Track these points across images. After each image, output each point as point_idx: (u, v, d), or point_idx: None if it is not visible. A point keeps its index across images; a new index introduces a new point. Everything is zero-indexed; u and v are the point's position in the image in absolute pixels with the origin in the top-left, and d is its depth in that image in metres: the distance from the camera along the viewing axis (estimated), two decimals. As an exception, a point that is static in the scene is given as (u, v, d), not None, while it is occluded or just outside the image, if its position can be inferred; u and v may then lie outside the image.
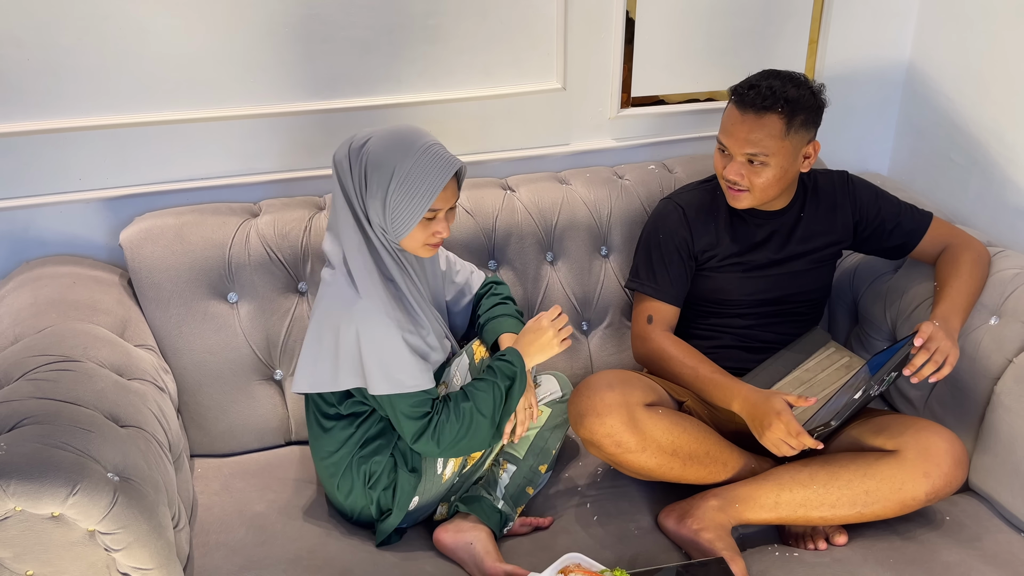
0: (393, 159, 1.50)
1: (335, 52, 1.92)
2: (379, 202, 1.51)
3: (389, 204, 1.51)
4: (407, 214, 1.51)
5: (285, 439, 1.95)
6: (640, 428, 1.62)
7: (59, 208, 1.87)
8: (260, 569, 1.57)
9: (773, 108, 1.70)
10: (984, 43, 2.10)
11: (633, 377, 1.72)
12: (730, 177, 1.76)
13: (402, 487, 1.62)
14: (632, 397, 1.65)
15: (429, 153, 1.51)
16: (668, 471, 1.67)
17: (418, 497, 1.64)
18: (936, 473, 1.61)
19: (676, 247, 1.86)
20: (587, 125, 2.18)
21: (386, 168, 1.50)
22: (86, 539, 1.27)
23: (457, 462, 1.64)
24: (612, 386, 1.65)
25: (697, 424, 1.71)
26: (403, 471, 1.63)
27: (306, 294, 1.90)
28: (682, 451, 1.66)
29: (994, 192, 2.13)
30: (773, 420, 1.61)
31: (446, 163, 1.52)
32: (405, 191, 1.50)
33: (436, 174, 1.50)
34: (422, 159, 1.50)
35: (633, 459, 1.64)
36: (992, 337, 1.77)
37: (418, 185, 1.50)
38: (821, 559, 1.61)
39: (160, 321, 1.81)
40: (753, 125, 1.71)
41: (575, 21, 2.05)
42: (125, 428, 1.43)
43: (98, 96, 1.81)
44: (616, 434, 1.61)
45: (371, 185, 1.51)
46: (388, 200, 1.51)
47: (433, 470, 1.63)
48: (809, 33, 2.24)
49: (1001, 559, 1.61)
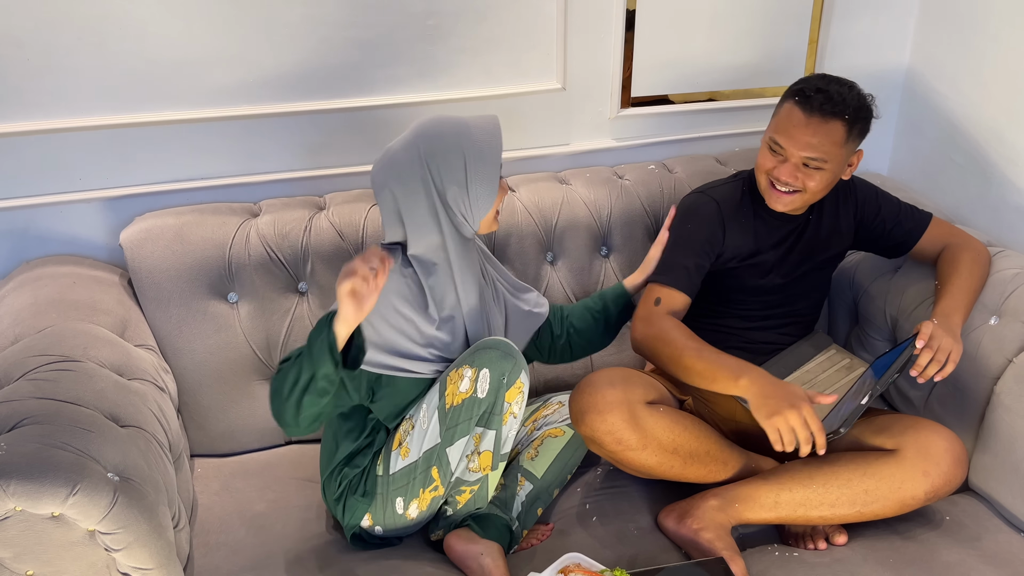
0: (456, 141, 1.53)
1: (335, 52, 1.92)
2: (458, 186, 1.54)
3: (471, 183, 1.54)
4: (488, 186, 1.55)
5: (285, 439, 1.95)
6: (641, 426, 1.62)
7: (59, 208, 1.87)
8: (260, 569, 1.57)
9: (840, 115, 1.67)
10: (984, 43, 2.10)
11: (635, 375, 1.72)
12: (783, 178, 1.72)
13: (351, 506, 1.61)
14: (634, 395, 1.64)
15: (478, 124, 1.55)
16: (668, 469, 1.66)
17: (379, 528, 1.62)
18: (935, 472, 1.61)
19: (705, 240, 1.81)
20: (587, 125, 2.18)
21: (454, 151, 1.53)
22: (86, 539, 1.27)
23: (423, 503, 1.59)
24: (614, 383, 1.64)
25: (698, 423, 1.71)
26: (352, 495, 1.61)
27: (306, 294, 1.90)
28: (683, 449, 1.66)
29: (994, 192, 2.13)
30: (796, 404, 1.54)
31: (494, 126, 1.57)
32: (481, 164, 1.53)
33: (495, 139, 1.55)
34: (477, 131, 1.54)
35: (634, 457, 1.63)
36: (992, 337, 1.78)
37: (487, 154, 1.54)
38: (821, 559, 1.61)
39: (160, 321, 1.81)
40: (817, 129, 1.68)
41: (575, 21, 2.05)
42: (125, 428, 1.43)
43: (98, 96, 1.81)
44: (617, 431, 1.61)
45: (445, 174, 1.53)
46: (469, 179, 1.54)
47: (392, 507, 1.60)
48: (809, 33, 2.25)
49: (1001, 559, 1.61)
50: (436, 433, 1.53)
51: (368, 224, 1.91)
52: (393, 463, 1.59)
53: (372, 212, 1.92)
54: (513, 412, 1.54)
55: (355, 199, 1.96)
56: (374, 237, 1.90)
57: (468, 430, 1.52)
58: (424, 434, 1.55)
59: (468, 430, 1.52)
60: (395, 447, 1.59)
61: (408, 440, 1.57)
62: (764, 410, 1.56)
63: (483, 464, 1.56)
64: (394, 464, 1.58)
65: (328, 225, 1.89)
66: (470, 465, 1.56)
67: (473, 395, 1.50)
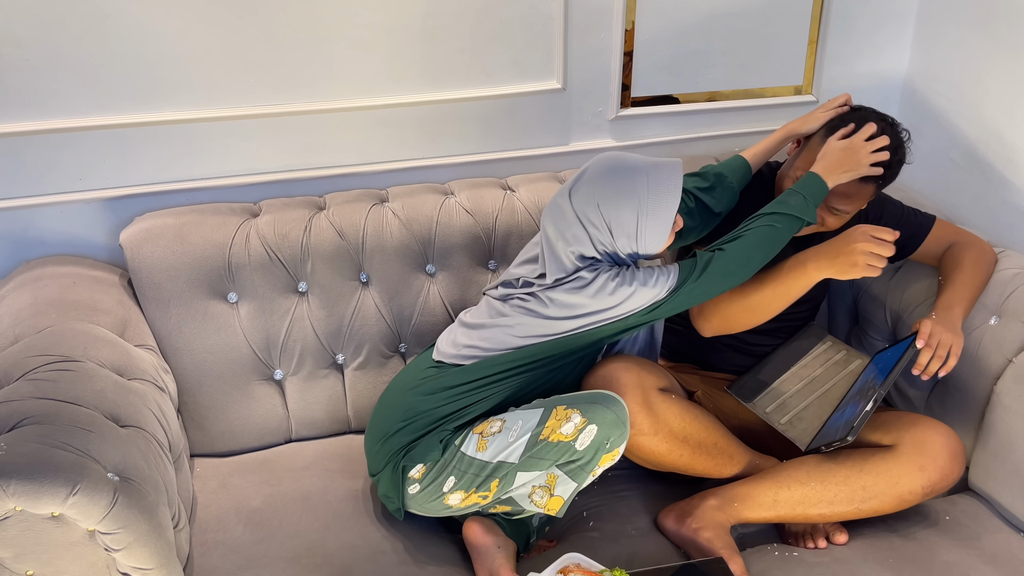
0: (627, 188, 1.55)
1: (335, 52, 1.92)
2: (627, 234, 1.56)
3: (641, 229, 1.56)
4: (661, 228, 1.56)
5: (285, 439, 1.95)
6: (654, 410, 1.62)
7: (59, 208, 1.87)
8: (259, 568, 1.57)
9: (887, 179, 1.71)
10: (984, 43, 2.10)
11: (648, 363, 1.72)
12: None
13: (427, 444, 1.61)
14: (647, 380, 1.64)
15: (652, 164, 1.57)
16: (677, 458, 1.66)
17: (416, 488, 1.61)
18: (932, 467, 1.61)
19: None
20: (587, 125, 2.18)
21: (627, 199, 1.54)
22: (86, 539, 1.28)
23: (467, 501, 1.59)
24: (629, 368, 1.65)
25: (707, 414, 1.71)
26: (434, 438, 1.61)
27: (306, 294, 1.90)
28: (692, 439, 1.65)
29: (994, 192, 2.13)
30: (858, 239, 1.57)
31: (673, 167, 1.57)
32: (654, 208, 1.55)
33: (673, 180, 1.56)
34: (652, 174, 1.56)
35: (644, 442, 1.63)
36: (992, 337, 1.78)
37: (663, 196, 1.55)
38: (821, 558, 1.61)
39: (160, 321, 1.81)
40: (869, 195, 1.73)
41: (575, 21, 2.05)
42: (125, 428, 1.43)
43: (98, 96, 1.81)
44: (631, 414, 1.60)
45: (615, 224, 1.55)
46: (640, 226, 1.55)
47: (441, 481, 1.59)
48: (809, 33, 2.24)
49: (1001, 559, 1.61)
50: (518, 454, 1.53)
51: (368, 224, 1.91)
52: (467, 444, 1.58)
53: (372, 212, 1.92)
54: (596, 472, 1.55)
55: (355, 199, 1.96)
56: (374, 237, 1.90)
57: (548, 468, 1.53)
58: (507, 446, 1.54)
59: (548, 468, 1.53)
60: (476, 431, 1.59)
61: (491, 439, 1.57)
62: (848, 268, 1.59)
63: (551, 506, 1.57)
64: (467, 446, 1.58)
65: (328, 225, 1.89)
66: (534, 497, 1.56)
67: (571, 443, 1.50)
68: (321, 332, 1.90)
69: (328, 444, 1.93)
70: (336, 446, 1.91)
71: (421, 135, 2.05)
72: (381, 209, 1.94)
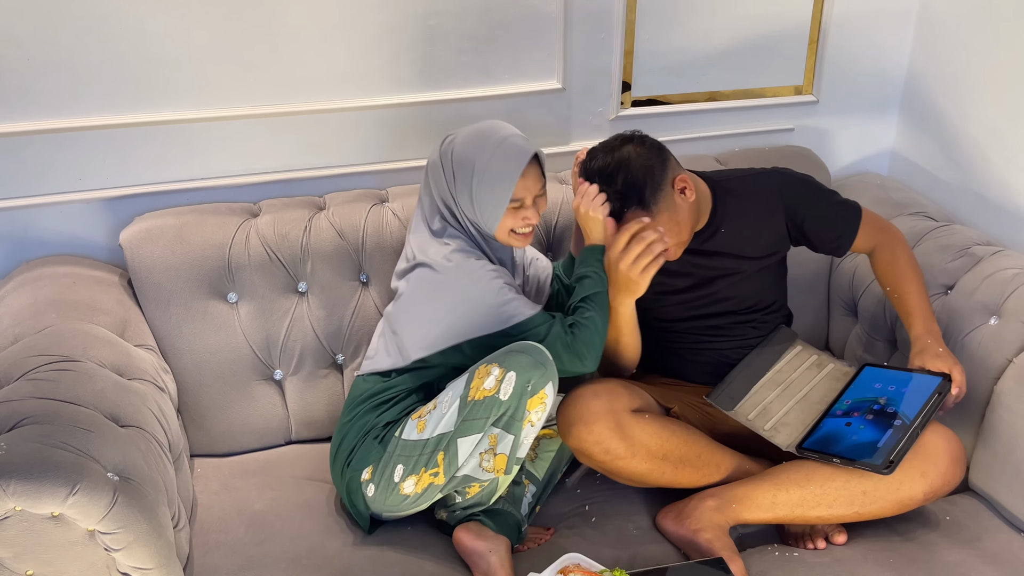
0: (473, 154, 1.62)
1: (336, 52, 1.92)
2: (467, 197, 1.63)
3: (475, 197, 1.62)
4: (492, 205, 1.62)
5: (285, 439, 1.95)
6: (628, 434, 1.62)
7: (59, 208, 1.88)
8: (259, 568, 1.57)
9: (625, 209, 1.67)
10: (984, 43, 2.10)
11: (619, 385, 1.71)
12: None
13: (365, 448, 1.63)
14: (618, 404, 1.64)
15: (505, 144, 1.62)
16: (660, 476, 1.66)
17: (372, 488, 1.61)
18: (934, 472, 1.61)
19: None
20: (587, 125, 2.18)
21: (467, 163, 1.62)
22: (86, 539, 1.28)
23: (420, 484, 1.58)
24: (598, 394, 1.65)
25: (685, 427, 1.70)
26: (372, 439, 1.63)
27: (306, 294, 1.90)
28: (672, 455, 1.65)
29: (994, 192, 2.13)
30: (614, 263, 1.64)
31: (520, 151, 1.62)
32: (487, 183, 1.61)
33: (513, 163, 1.61)
34: (498, 150, 1.62)
35: (623, 465, 1.63)
36: (992, 337, 1.78)
37: (497, 176, 1.61)
38: (821, 559, 1.61)
39: (160, 321, 1.81)
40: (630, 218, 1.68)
41: (575, 21, 2.05)
42: (125, 428, 1.43)
43: (98, 96, 1.81)
44: (604, 441, 1.61)
45: (459, 182, 1.64)
46: (473, 193, 1.62)
47: (391, 472, 1.59)
48: (809, 33, 2.25)
49: (1001, 559, 1.61)
50: (452, 421, 1.54)
51: (368, 224, 1.91)
52: (408, 431, 1.59)
53: (372, 212, 1.92)
54: (531, 420, 1.53)
55: (355, 199, 1.96)
56: (374, 237, 1.90)
57: (483, 428, 1.52)
58: (442, 418, 1.55)
59: (483, 428, 1.52)
60: (414, 416, 1.60)
61: (428, 417, 1.58)
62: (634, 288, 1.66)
63: (498, 466, 1.56)
64: (408, 432, 1.59)
65: (328, 225, 1.89)
66: (484, 464, 1.56)
67: (495, 395, 1.50)
68: (321, 332, 1.90)
69: (329, 446, 1.92)
70: (336, 446, 1.91)
71: (421, 135, 2.05)
72: (381, 209, 1.94)
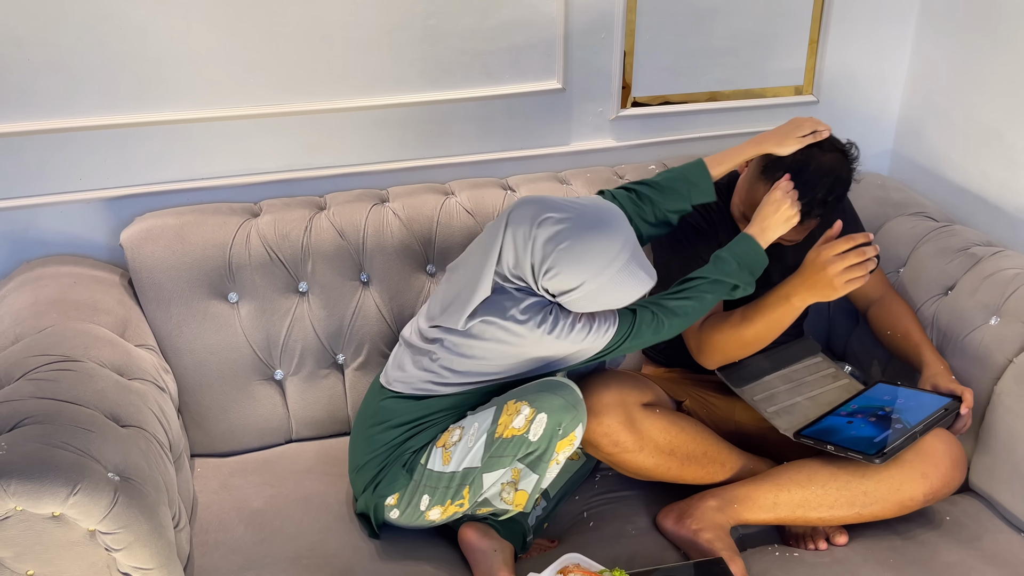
0: (584, 271, 1.48)
1: (335, 52, 1.92)
2: (551, 289, 1.52)
3: (569, 302, 1.51)
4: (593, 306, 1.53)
5: (285, 439, 1.95)
6: (637, 427, 1.62)
7: (59, 208, 1.87)
8: (260, 568, 1.57)
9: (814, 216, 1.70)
10: (984, 42, 2.10)
11: (630, 377, 1.72)
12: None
13: (392, 475, 1.60)
14: (629, 397, 1.64)
15: (626, 271, 1.50)
16: (666, 471, 1.67)
17: (396, 513, 1.61)
18: (934, 474, 1.62)
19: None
20: (587, 125, 2.18)
21: (574, 276, 1.49)
22: (86, 539, 1.28)
23: (446, 513, 1.59)
24: (609, 386, 1.65)
25: (695, 424, 1.71)
26: (400, 466, 1.61)
27: (306, 294, 1.90)
28: (679, 451, 1.66)
29: (994, 192, 2.13)
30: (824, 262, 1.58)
31: (640, 283, 1.51)
32: (591, 299, 1.51)
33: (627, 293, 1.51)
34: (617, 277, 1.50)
35: (630, 459, 1.64)
36: (992, 337, 1.78)
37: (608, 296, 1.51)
38: (821, 559, 1.61)
39: (160, 321, 1.81)
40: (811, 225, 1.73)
41: (575, 21, 2.05)
42: (126, 428, 1.43)
43: (98, 96, 1.81)
44: (613, 433, 1.61)
45: (552, 277, 1.50)
46: (571, 299, 1.51)
47: (417, 500, 1.59)
48: (809, 33, 2.24)
49: (1001, 559, 1.61)
50: (478, 457, 1.53)
51: (368, 224, 1.91)
52: (433, 461, 1.58)
53: (372, 212, 1.92)
54: (557, 460, 1.53)
55: (355, 199, 1.96)
56: (374, 237, 1.90)
57: (510, 464, 1.52)
58: (468, 451, 1.54)
59: (510, 464, 1.52)
60: (439, 444, 1.59)
61: (453, 449, 1.57)
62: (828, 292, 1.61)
63: (517, 501, 1.56)
64: (434, 462, 1.58)
65: (328, 225, 1.89)
66: (503, 495, 1.56)
67: (524, 435, 1.49)
68: (322, 332, 1.90)
69: (329, 445, 1.92)
70: (337, 447, 1.91)
71: (421, 135, 2.05)
72: (382, 209, 1.94)
